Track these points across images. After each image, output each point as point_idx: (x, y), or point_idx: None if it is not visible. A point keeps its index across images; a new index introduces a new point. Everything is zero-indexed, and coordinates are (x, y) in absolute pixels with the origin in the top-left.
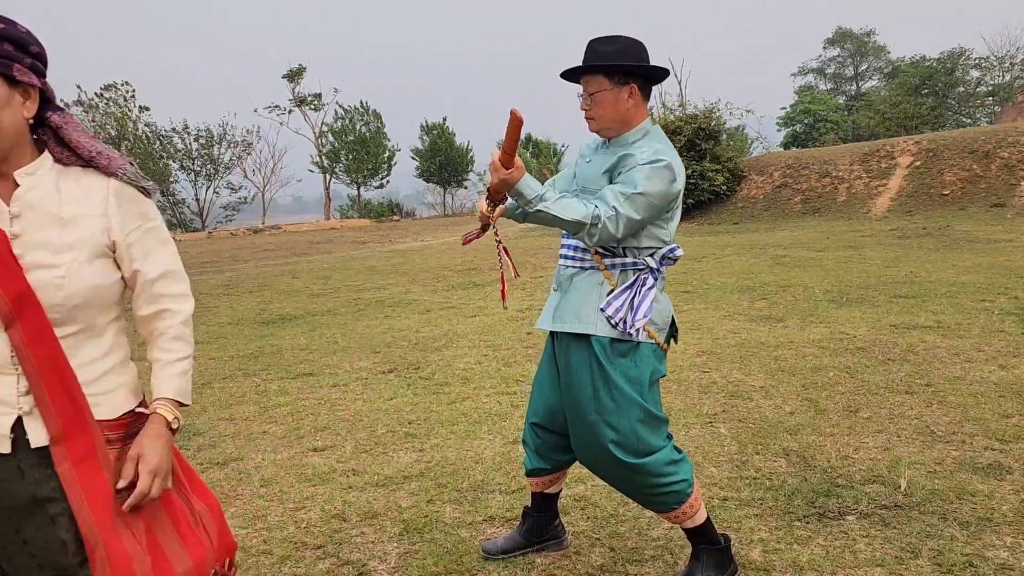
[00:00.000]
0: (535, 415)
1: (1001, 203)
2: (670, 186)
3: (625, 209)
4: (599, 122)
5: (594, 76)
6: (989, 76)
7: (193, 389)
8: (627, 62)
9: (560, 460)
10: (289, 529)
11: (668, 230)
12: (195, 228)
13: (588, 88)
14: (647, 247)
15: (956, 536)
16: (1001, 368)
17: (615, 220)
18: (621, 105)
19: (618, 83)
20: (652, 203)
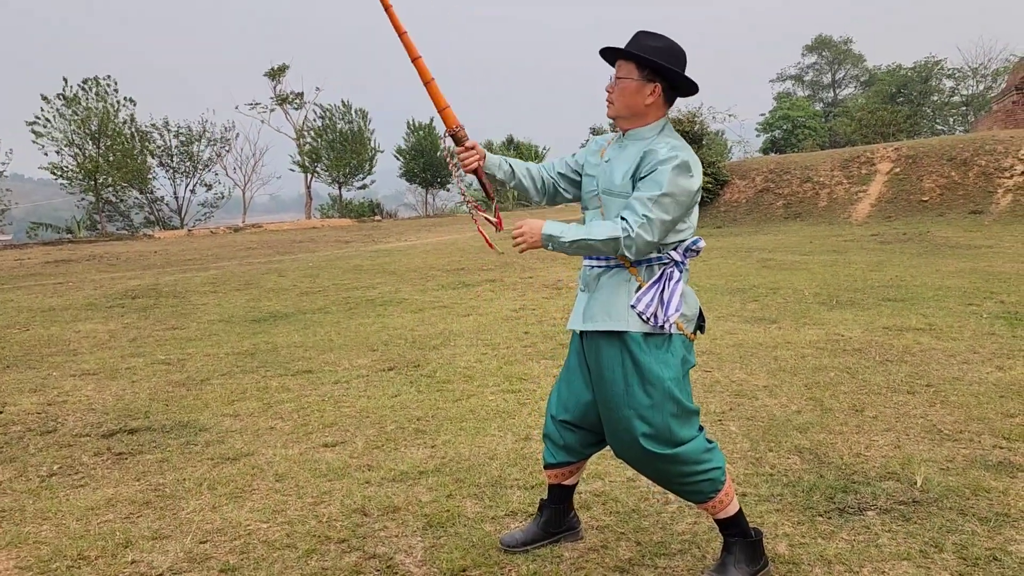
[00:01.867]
0: (564, 412)
1: (979, 210)
2: (691, 181)
3: (656, 213)
4: (615, 108)
5: (627, 63)
6: (963, 86)
7: (193, 385)
8: (661, 61)
9: (585, 452)
10: (311, 523)
11: (690, 223)
12: (174, 226)
13: (618, 72)
14: (671, 241)
15: (977, 531)
16: (999, 369)
17: (649, 226)
18: (640, 99)
19: (645, 78)
20: (679, 201)
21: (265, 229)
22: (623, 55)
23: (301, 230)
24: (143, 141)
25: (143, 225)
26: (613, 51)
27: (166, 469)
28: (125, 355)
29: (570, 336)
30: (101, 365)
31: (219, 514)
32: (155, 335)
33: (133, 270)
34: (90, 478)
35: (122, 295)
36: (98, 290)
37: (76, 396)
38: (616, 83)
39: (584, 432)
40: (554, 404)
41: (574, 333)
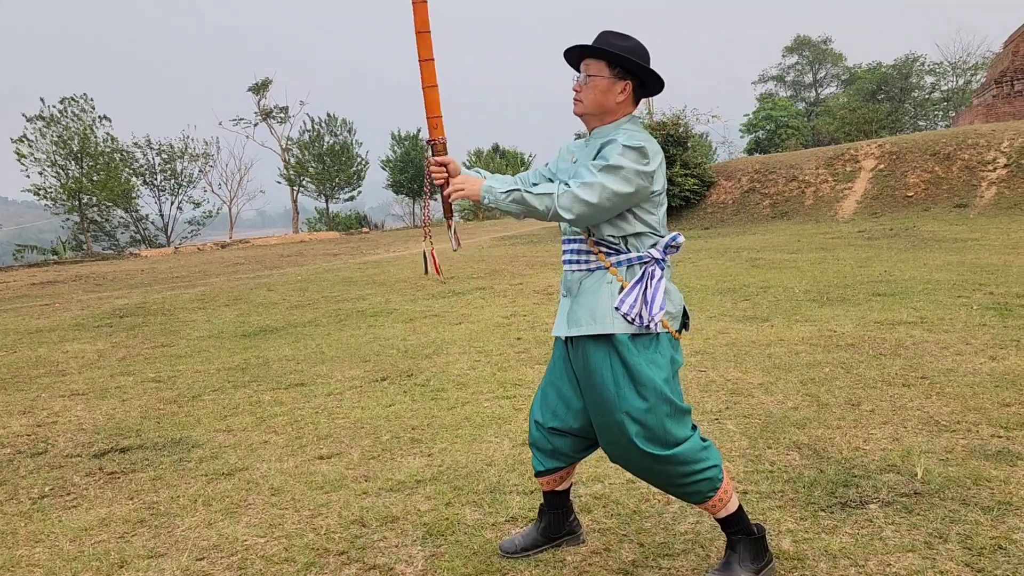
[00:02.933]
0: (553, 418)
1: (964, 203)
2: (644, 163)
3: (599, 178)
4: (584, 105)
5: (596, 60)
6: (943, 81)
7: (184, 401)
8: (632, 58)
9: (576, 457)
10: (309, 536)
11: (658, 216)
12: (160, 244)
13: (587, 70)
14: (646, 233)
15: (980, 521)
16: (992, 359)
17: (588, 188)
18: (611, 97)
19: (616, 76)
20: (627, 177)
21: (252, 244)
22: (593, 53)
23: (289, 244)
24: (125, 160)
25: (129, 244)
26: (580, 50)
27: (160, 487)
28: (114, 374)
29: None
30: (90, 385)
31: (215, 530)
32: (144, 353)
33: (120, 289)
34: (82, 498)
35: (110, 314)
36: (85, 310)
37: (66, 416)
38: (587, 81)
39: (575, 437)
40: (539, 411)
41: (558, 339)
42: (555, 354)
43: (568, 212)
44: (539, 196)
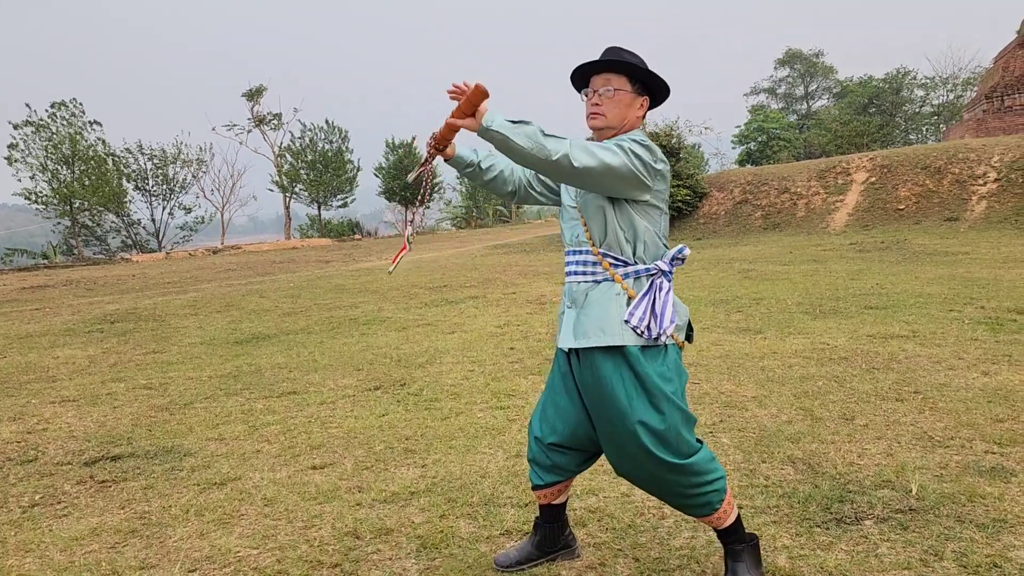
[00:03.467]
0: (552, 434)
1: (954, 217)
2: (652, 159)
3: (614, 148)
4: (607, 119)
5: (618, 75)
6: (934, 95)
7: (176, 409)
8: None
9: (575, 471)
10: (302, 548)
11: (662, 224)
12: (151, 249)
13: (608, 84)
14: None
15: (975, 538)
16: (984, 374)
17: (605, 149)
18: (632, 111)
19: (637, 91)
20: (629, 161)
21: (244, 250)
22: (615, 68)
23: (281, 251)
24: (117, 164)
25: (120, 249)
26: (600, 65)
27: (151, 496)
28: (105, 380)
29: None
30: (81, 391)
31: (207, 541)
32: (135, 359)
33: (111, 294)
34: (73, 507)
35: (101, 320)
36: (76, 315)
37: (56, 424)
38: (613, 94)
39: (575, 452)
40: (538, 427)
41: (559, 352)
42: (555, 368)
43: (577, 160)
44: (552, 138)
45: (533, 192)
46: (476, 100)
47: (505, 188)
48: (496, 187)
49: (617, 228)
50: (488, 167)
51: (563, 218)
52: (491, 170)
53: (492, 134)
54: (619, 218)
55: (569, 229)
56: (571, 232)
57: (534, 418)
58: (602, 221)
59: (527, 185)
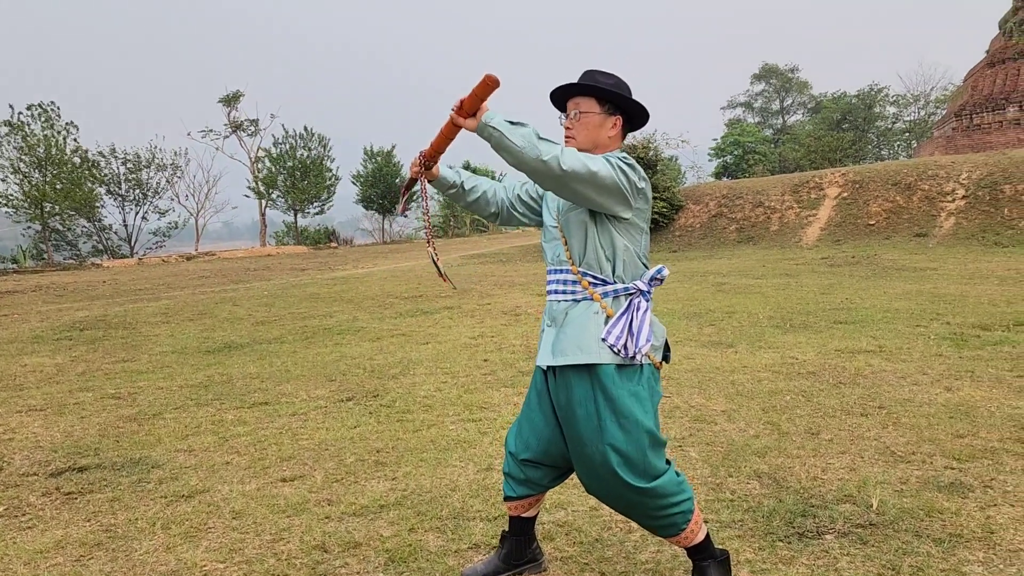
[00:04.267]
0: (526, 450)
1: (923, 233)
2: (636, 177)
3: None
4: (578, 142)
5: (586, 98)
6: (905, 112)
7: (145, 419)
8: (622, 94)
9: (548, 486)
10: (269, 562)
11: (642, 244)
12: (123, 254)
13: (578, 107)
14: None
15: (932, 552)
16: (947, 390)
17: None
18: (603, 132)
19: (607, 112)
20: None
21: (219, 257)
22: (582, 91)
23: (255, 258)
24: (90, 168)
25: (91, 254)
26: (568, 89)
27: (118, 509)
28: (73, 389)
29: (532, 365)
30: (48, 400)
31: (174, 555)
32: (105, 368)
33: (81, 301)
34: (38, 519)
35: (70, 327)
36: (45, 322)
37: (23, 433)
38: (579, 117)
39: (548, 468)
40: (513, 442)
41: (537, 369)
42: (533, 386)
43: (565, 163)
44: (545, 141)
45: (516, 213)
46: (484, 94)
47: (488, 209)
48: (479, 208)
49: (597, 246)
50: (471, 188)
51: (545, 238)
52: (474, 191)
53: (490, 131)
54: (600, 236)
55: (551, 249)
56: (552, 252)
57: (510, 433)
58: (583, 239)
59: (510, 206)
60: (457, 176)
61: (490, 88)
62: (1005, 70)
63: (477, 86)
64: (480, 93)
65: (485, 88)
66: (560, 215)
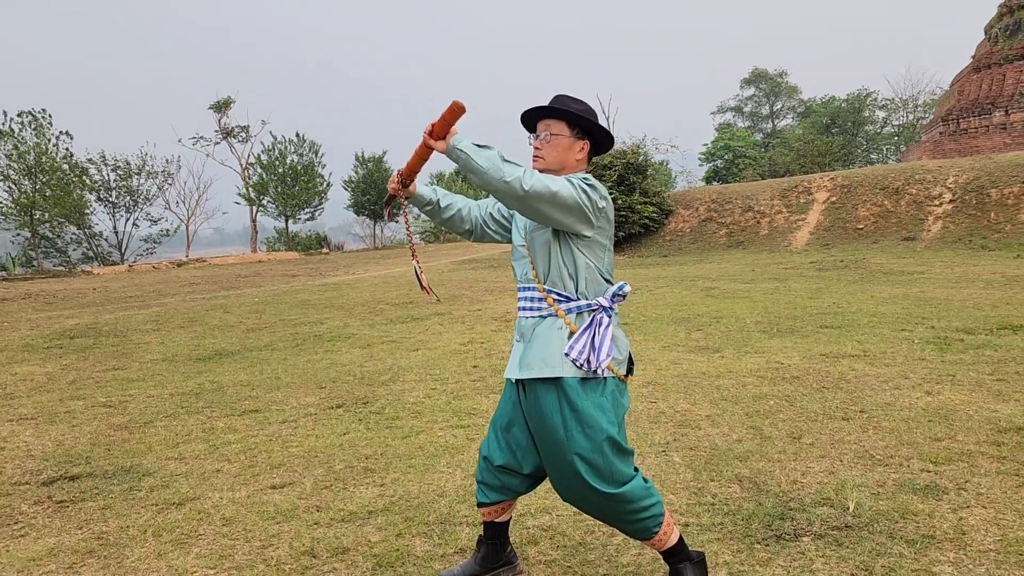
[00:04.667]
0: (501, 458)
1: (911, 237)
2: (597, 197)
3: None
4: (546, 162)
5: (557, 121)
6: (894, 116)
7: (136, 427)
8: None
9: (519, 491)
10: (259, 568)
11: (605, 261)
12: (113, 261)
13: (548, 129)
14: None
15: (904, 553)
16: (927, 394)
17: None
18: (572, 155)
19: (576, 136)
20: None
21: (209, 264)
22: (555, 114)
23: (246, 264)
24: (80, 175)
25: (81, 261)
26: (540, 111)
27: (109, 516)
28: (64, 398)
29: None
30: (39, 409)
31: (165, 561)
32: (95, 376)
33: (71, 308)
34: (31, 527)
35: (60, 335)
36: (35, 330)
37: (13, 442)
38: (549, 139)
39: (522, 476)
40: (487, 448)
41: (508, 382)
42: (505, 396)
43: (527, 184)
44: (509, 163)
45: (488, 231)
46: (452, 118)
47: (463, 226)
48: (453, 224)
49: (560, 264)
50: (446, 205)
51: (514, 256)
52: (449, 208)
53: (458, 153)
54: (563, 254)
55: (519, 267)
56: (521, 269)
57: (484, 443)
58: (547, 257)
59: (483, 224)
60: (433, 194)
61: (457, 114)
62: (991, 75)
63: (446, 112)
64: (448, 118)
65: (453, 113)
66: (527, 234)
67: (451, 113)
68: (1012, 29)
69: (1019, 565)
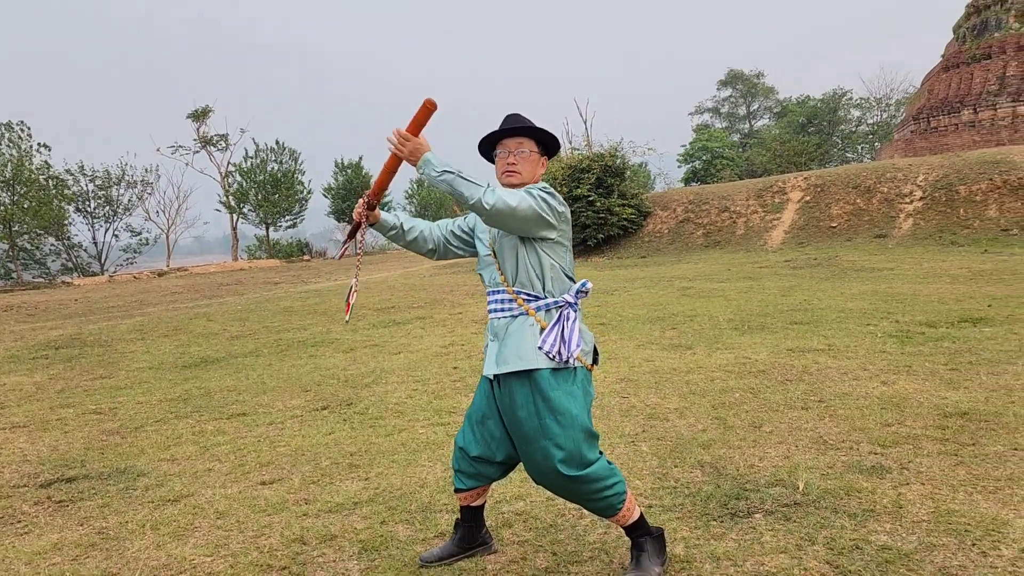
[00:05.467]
0: (476, 449)
1: (883, 234)
2: (557, 204)
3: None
4: (522, 176)
5: (528, 139)
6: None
7: (127, 432)
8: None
9: (492, 477)
10: (252, 554)
11: (567, 260)
12: (93, 272)
13: (521, 146)
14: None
15: (845, 526)
16: (883, 384)
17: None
18: (538, 169)
19: (541, 152)
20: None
21: (191, 272)
22: (527, 133)
23: (228, 272)
24: (58, 187)
25: (60, 272)
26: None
27: (108, 513)
28: (54, 406)
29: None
30: (30, 417)
31: (164, 551)
32: (83, 385)
33: (54, 319)
34: (33, 525)
35: (45, 346)
36: (19, 342)
37: (9, 448)
38: (524, 155)
39: (496, 464)
40: (462, 439)
41: (483, 379)
42: (479, 391)
43: (489, 203)
44: (468, 184)
45: (451, 247)
46: (425, 118)
47: (426, 246)
48: (417, 246)
49: (528, 266)
50: (409, 228)
51: (481, 266)
52: (412, 231)
53: (426, 171)
54: (529, 257)
55: (488, 274)
56: (489, 276)
57: (460, 435)
58: (514, 262)
59: (445, 242)
60: (396, 219)
61: (429, 112)
62: (959, 74)
63: (419, 111)
64: (421, 118)
65: (425, 112)
66: (495, 243)
67: (423, 112)
68: (979, 29)
69: (947, 533)
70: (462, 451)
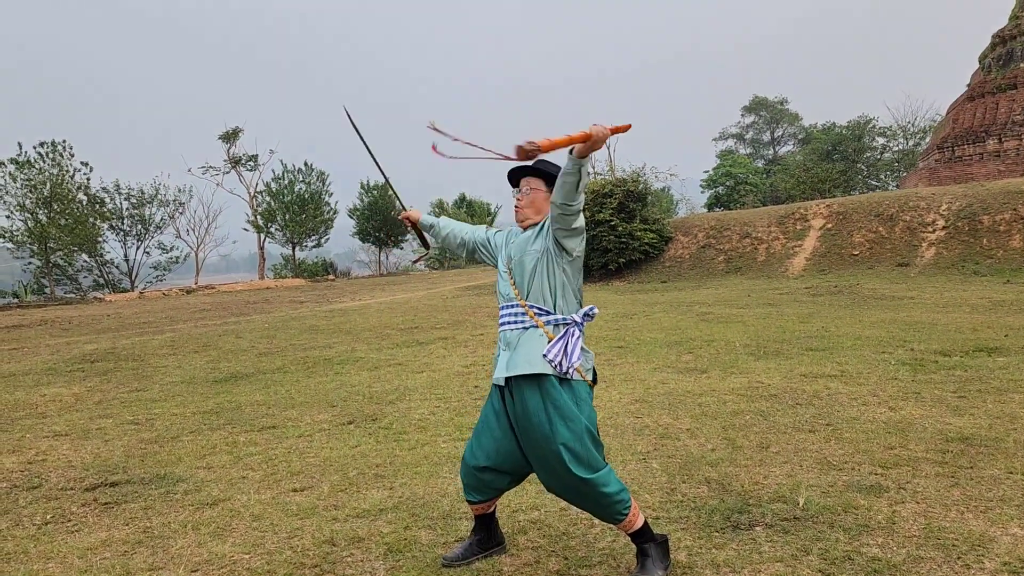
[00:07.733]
0: (486, 459)
1: (905, 263)
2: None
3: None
4: (529, 211)
5: (538, 179)
6: (893, 143)
7: (164, 442)
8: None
9: (500, 488)
10: (286, 553)
11: (579, 282)
12: (124, 288)
13: (530, 184)
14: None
15: (840, 539)
16: (890, 410)
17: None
18: (545, 207)
19: (548, 191)
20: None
21: (218, 290)
22: (536, 173)
23: (255, 291)
24: (94, 205)
25: (92, 288)
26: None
27: (152, 515)
28: (93, 416)
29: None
30: (71, 427)
31: (206, 549)
32: (120, 397)
33: (87, 334)
34: (83, 524)
35: (80, 359)
36: (55, 355)
37: (54, 455)
38: (532, 194)
39: (504, 474)
40: (470, 454)
41: (494, 391)
42: (489, 406)
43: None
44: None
45: (479, 249)
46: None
47: (455, 241)
48: (448, 242)
49: (543, 283)
50: (444, 225)
51: (499, 281)
52: (446, 228)
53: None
54: (546, 275)
55: (503, 288)
56: (504, 290)
57: (468, 448)
58: (531, 279)
59: (475, 245)
60: (435, 219)
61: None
62: (984, 103)
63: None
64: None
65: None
66: (512, 262)
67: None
68: (1005, 59)
69: (936, 547)
70: (468, 465)
